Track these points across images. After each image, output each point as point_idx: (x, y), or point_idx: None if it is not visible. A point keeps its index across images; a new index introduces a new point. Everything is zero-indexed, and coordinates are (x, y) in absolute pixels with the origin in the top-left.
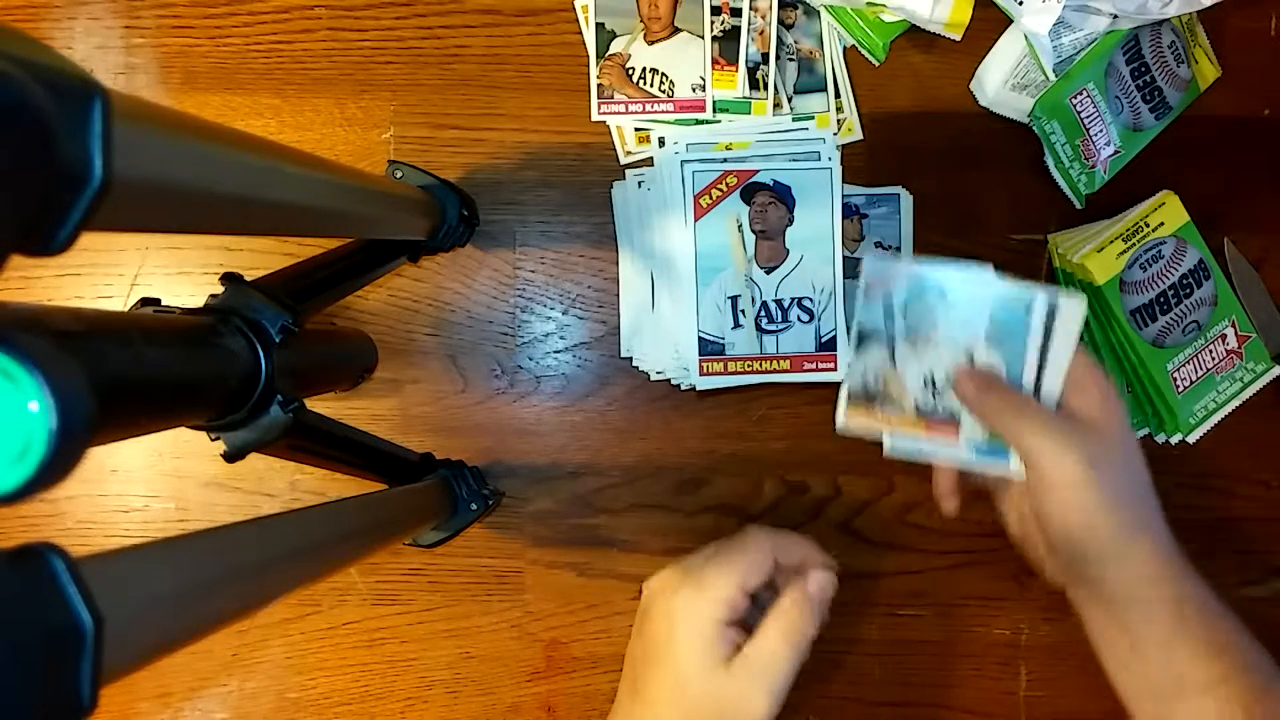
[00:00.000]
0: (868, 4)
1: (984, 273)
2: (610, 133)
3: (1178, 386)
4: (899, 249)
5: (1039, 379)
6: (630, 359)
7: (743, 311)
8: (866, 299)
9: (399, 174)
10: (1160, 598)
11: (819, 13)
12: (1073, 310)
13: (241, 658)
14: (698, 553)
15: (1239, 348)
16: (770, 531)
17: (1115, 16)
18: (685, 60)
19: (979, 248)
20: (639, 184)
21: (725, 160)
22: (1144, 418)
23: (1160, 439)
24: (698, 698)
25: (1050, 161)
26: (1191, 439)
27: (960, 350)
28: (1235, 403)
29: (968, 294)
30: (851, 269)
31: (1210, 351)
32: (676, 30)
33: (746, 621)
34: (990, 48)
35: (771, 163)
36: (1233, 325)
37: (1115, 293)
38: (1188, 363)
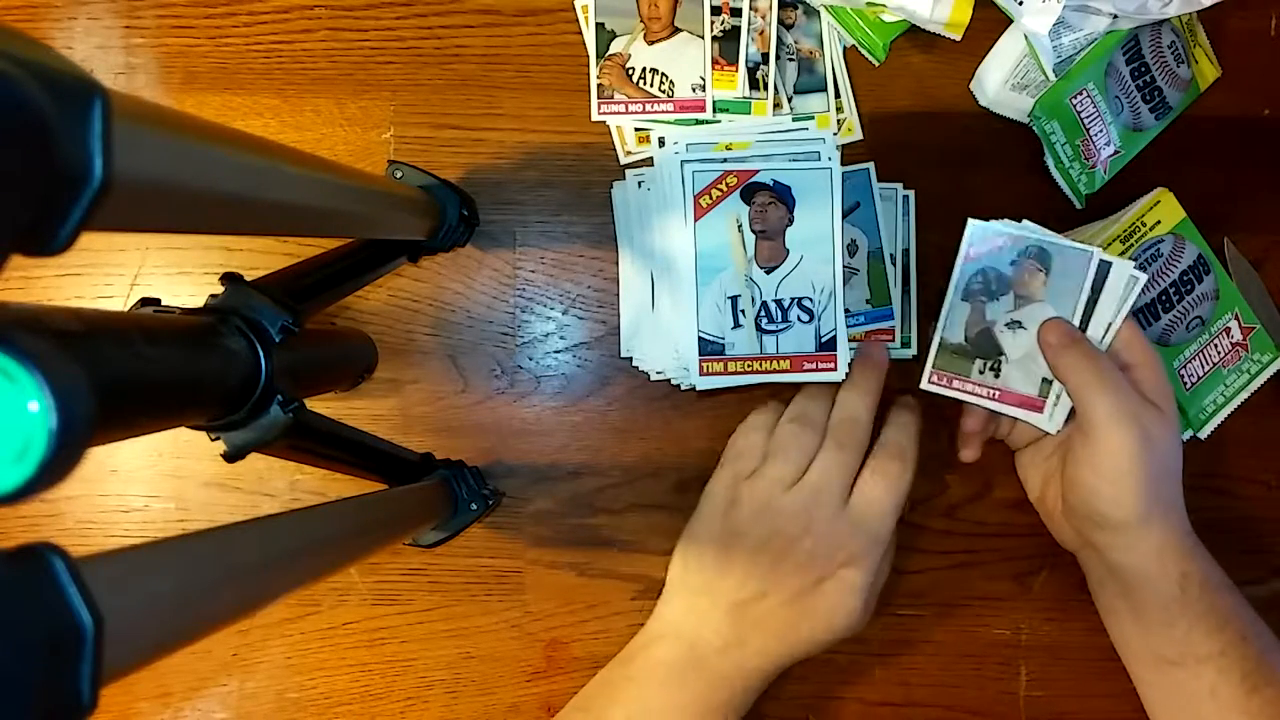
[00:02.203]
0: (868, 4)
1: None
2: (610, 133)
3: (1185, 383)
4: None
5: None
6: (630, 359)
7: (743, 311)
8: (966, 260)
9: (399, 174)
10: (1165, 573)
11: (819, 13)
12: (1123, 272)
13: (241, 658)
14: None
15: (1244, 340)
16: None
17: (1115, 16)
18: (685, 60)
19: None
20: (639, 184)
21: (725, 160)
22: None
23: None
24: (827, 631)
25: (1050, 161)
26: (1203, 434)
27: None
28: (1244, 395)
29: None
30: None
31: (1215, 346)
32: (676, 30)
33: None
34: (990, 48)
35: (771, 163)
36: (1236, 318)
37: None
38: (1194, 359)
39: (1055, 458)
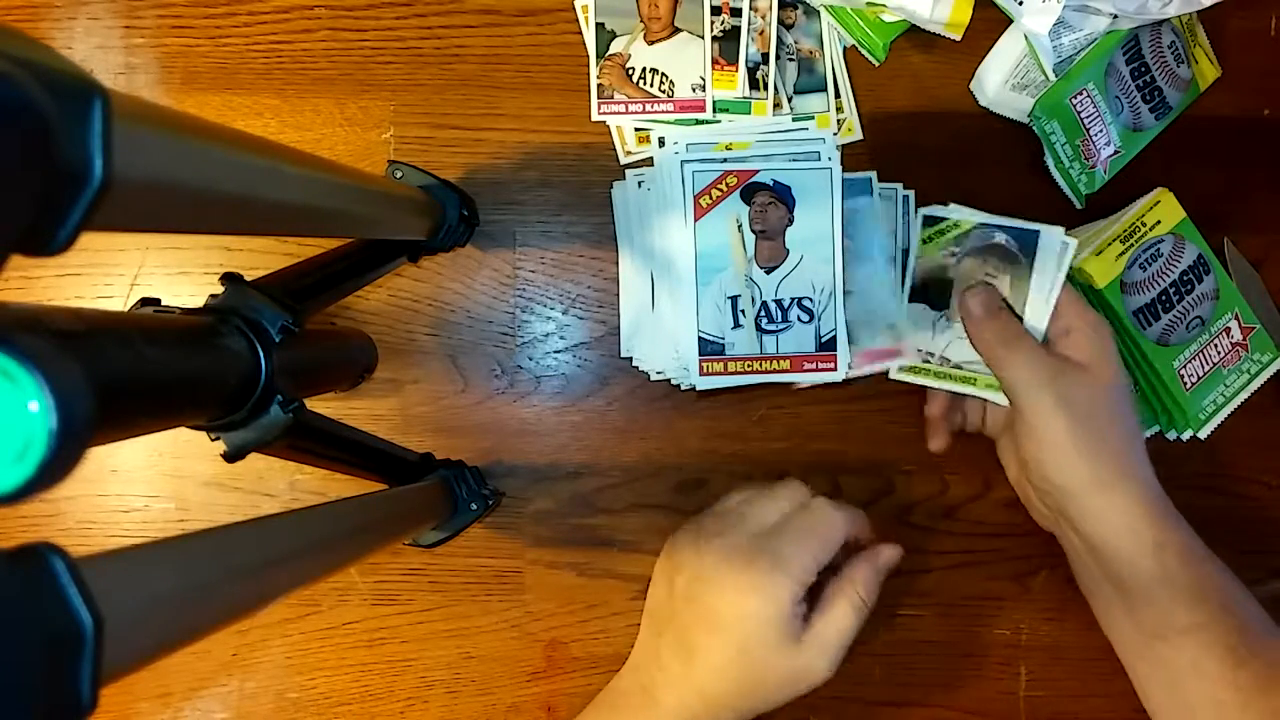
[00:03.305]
0: (868, 4)
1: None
2: (610, 133)
3: (1185, 383)
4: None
5: (1021, 312)
6: (630, 359)
7: (743, 311)
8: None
9: (399, 174)
10: (1139, 542)
11: (819, 13)
12: (1053, 238)
13: (241, 658)
14: (743, 505)
15: (1244, 340)
16: (840, 507)
17: (1115, 16)
18: (685, 60)
19: None
20: (639, 184)
21: (725, 160)
22: (1154, 416)
23: (1171, 436)
24: (763, 670)
25: (1050, 161)
26: (1203, 434)
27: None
28: (1243, 395)
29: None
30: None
31: (1215, 346)
32: (676, 30)
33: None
34: (990, 48)
35: (771, 163)
36: (1236, 318)
37: (1117, 294)
38: (1194, 358)
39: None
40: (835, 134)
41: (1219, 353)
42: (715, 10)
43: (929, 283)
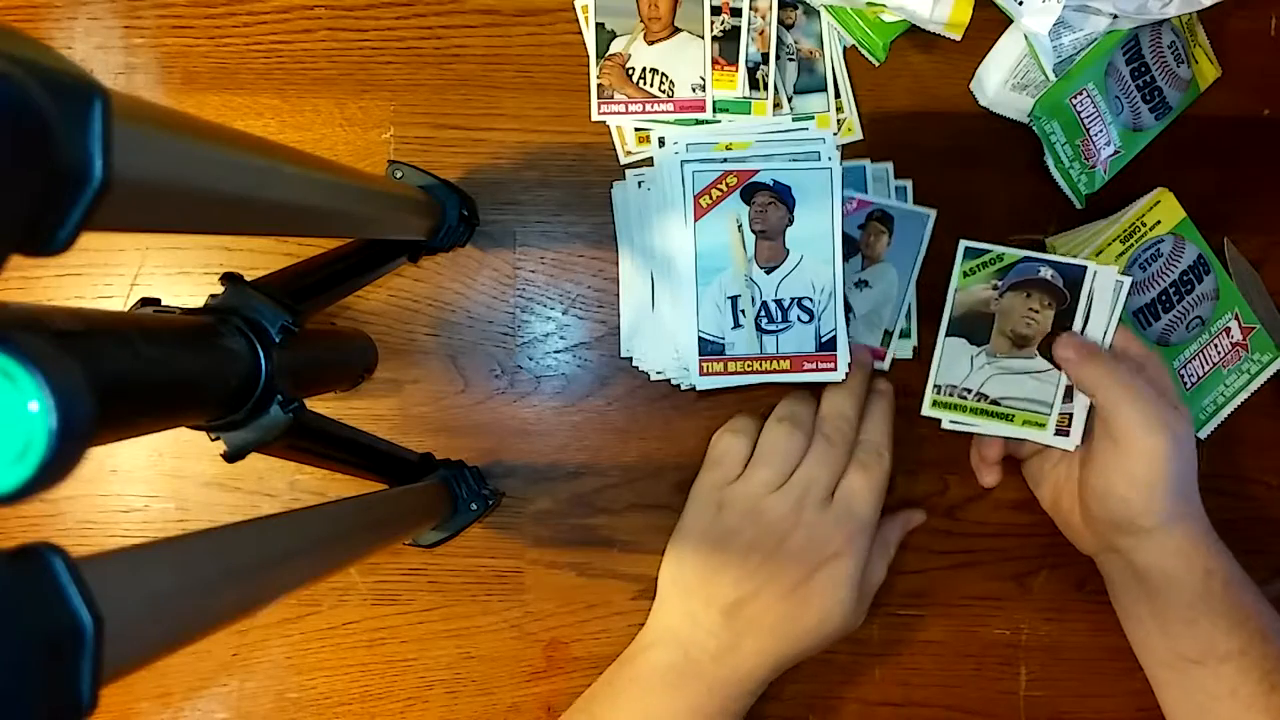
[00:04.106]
0: (868, 4)
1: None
2: (610, 133)
3: (1185, 383)
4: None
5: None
6: (630, 359)
7: (743, 311)
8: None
9: (399, 174)
10: (1190, 569)
11: (819, 13)
12: (1108, 278)
13: (241, 658)
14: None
15: (1244, 340)
16: (881, 450)
17: (1115, 16)
18: (685, 60)
19: None
20: (639, 184)
21: (725, 160)
22: None
23: None
24: (831, 629)
25: (1050, 161)
26: (1203, 435)
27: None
28: (1243, 395)
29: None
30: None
31: (1215, 346)
32: (676, 30)
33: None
34: (990, 48)
35: (771, 163)
36: (1236, 318)
37: None
38: (1194, 359)
39: (1063, 466)
40: (835, 134)
41: (1219, 353)
42: (715, 10)
43: (968, 316)
